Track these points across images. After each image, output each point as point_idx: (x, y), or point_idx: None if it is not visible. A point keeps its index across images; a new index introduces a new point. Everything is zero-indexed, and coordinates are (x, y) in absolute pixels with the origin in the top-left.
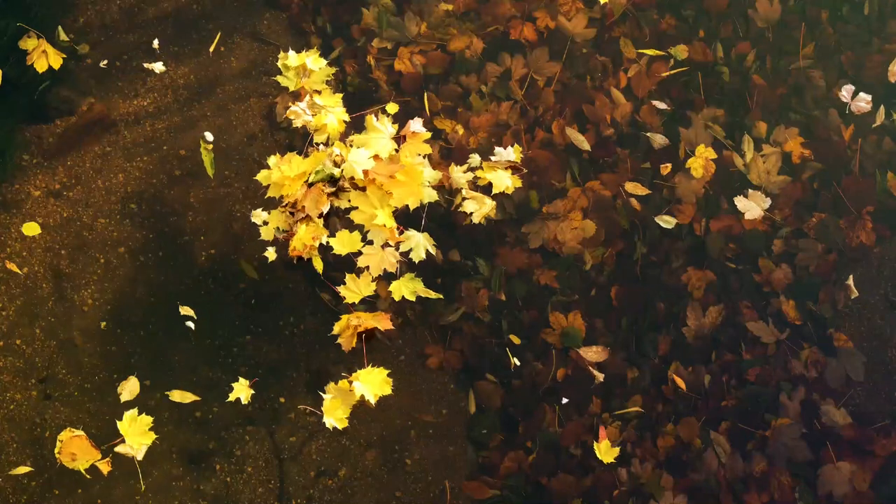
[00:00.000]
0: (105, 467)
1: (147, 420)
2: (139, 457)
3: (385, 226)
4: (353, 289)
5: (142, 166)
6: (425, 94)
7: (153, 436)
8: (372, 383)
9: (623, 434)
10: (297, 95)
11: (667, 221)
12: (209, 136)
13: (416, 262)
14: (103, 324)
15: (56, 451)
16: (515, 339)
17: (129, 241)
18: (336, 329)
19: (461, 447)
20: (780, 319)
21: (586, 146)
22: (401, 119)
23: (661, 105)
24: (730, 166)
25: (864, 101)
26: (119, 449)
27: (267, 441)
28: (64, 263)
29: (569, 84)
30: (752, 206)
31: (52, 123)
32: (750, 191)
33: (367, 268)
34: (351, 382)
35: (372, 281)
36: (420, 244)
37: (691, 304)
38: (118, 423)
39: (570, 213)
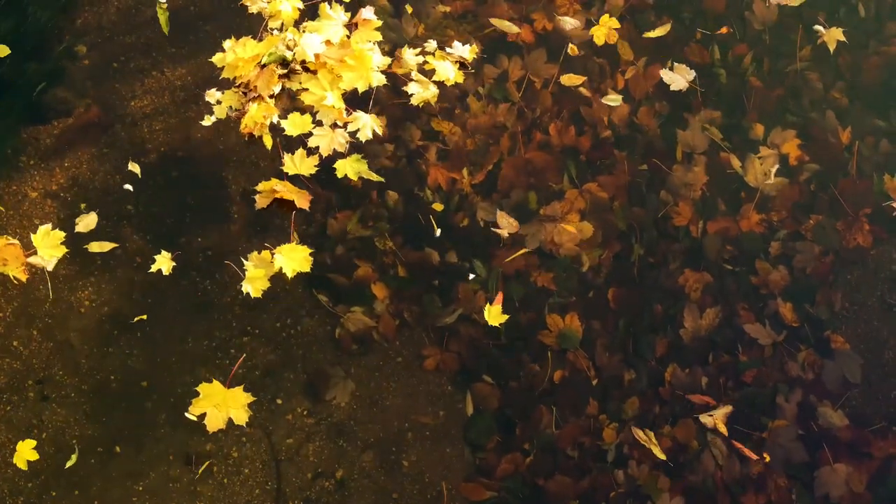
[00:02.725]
0: (22, 276)
1: (59, 235)
2: (49, 268)
3: (334, 107)
4: (296, 163)
5: (139, 168)
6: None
7: (64, 249)
8: (293, 259)
9: (620, 436)
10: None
11: (612, 99)
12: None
13: (363, 140)
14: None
15: None
16: (438, 207)
17: (127, 243)
18: (259, 187)
19: (458, 449)
20: (777, 321)
21: (575, 23)
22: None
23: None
24: (727, 168)
25: None
26: (31, 260)
27: (264, 442)
28: (61, 265)
29: (566, 86)
30: (677, 79)
31: (50, 125)
32: (675, 64)
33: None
34: (273, 254)
35: (316, 165)
36: (367, 124)
37: (688, 305)
38: (32, 235)
39: (568, 215)
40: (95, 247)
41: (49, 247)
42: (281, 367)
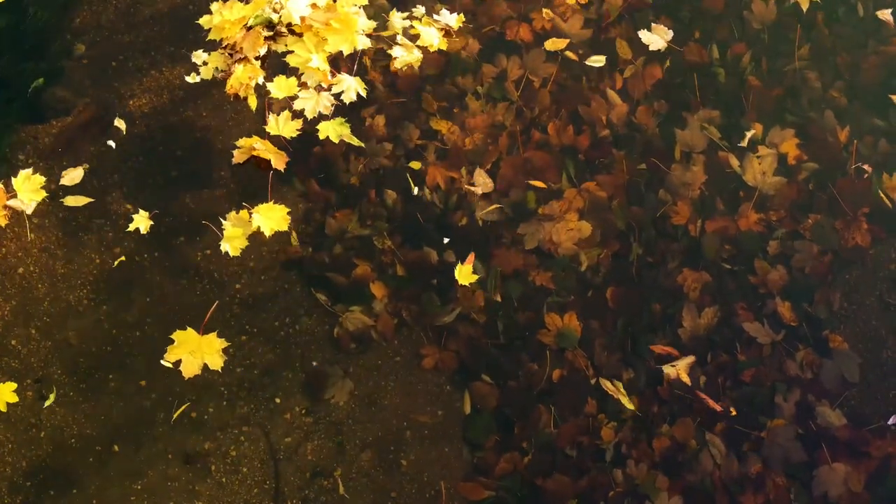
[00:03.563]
0: (2, 220)
1: (40, 180)
2: (28, 211)
3: (319, 69)
4: (279, 124)
5: (137, 167)
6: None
7: (43, 193)
8: (271, 218)
9: (618, 435)
10: None
11: (596, 60)
12: None
13: (347, 103)
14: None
15: None
16: (416, 165)
17: (125, 241)
18: (239, 142)
19: (457, 448)
20: (776, 321)
21: None
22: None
23: None
24: (725, 167)
25: None
26: (11, 203)
27: (262, 441)
28: (59, 264)
29: (565, 85)
30: (655, 39)
31: (48, 123)
32: (653, 24)
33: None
34: (251, 214)
35: (298, 130)
36: (351, 87)
37: (687, 305)
38: (13, 179)
39: (566, 214)
40: (71, 201)
41: (29, 190)
42: (279, 366)
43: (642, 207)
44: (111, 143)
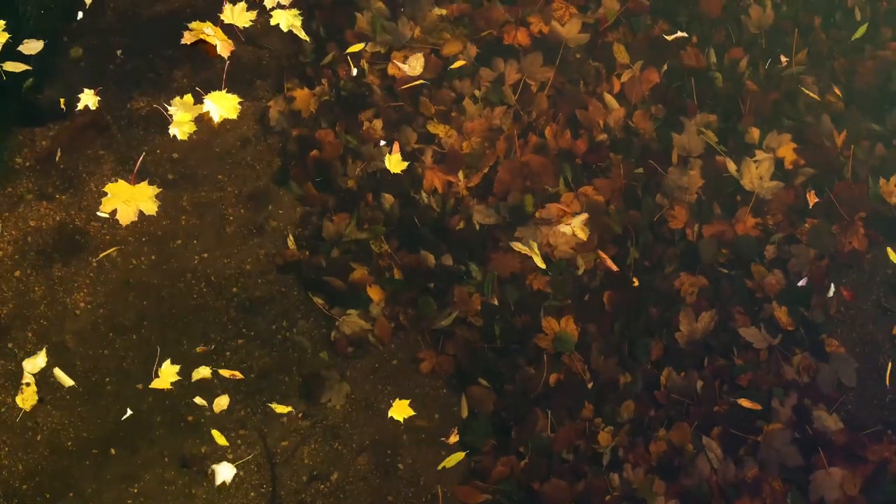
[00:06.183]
0: None
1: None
2: None
3: None
4: (234, 14)
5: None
6: (419, 99)
7: (7, 35)
8: (223, 106)
9: (615, 439)
10: None
11: None
12: None
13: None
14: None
15: None
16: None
17: (122, 244)
18: (192, 25)
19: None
20: (773, 325)
21: None
22: None
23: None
24: (722, 171)
25: None
26: None
27: (259, 445)
28: (56, 266)
29: (562, 89)
30: None
31: (45, 126)
32: None
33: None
34: (203, 99)
35: (252, 20)
36: None
37: (684, 309)
38: None
39: (564, 218)
40: (10, 66)
41: None
42: (276, 370)
43: (639, 211)
44: (80, 13)
